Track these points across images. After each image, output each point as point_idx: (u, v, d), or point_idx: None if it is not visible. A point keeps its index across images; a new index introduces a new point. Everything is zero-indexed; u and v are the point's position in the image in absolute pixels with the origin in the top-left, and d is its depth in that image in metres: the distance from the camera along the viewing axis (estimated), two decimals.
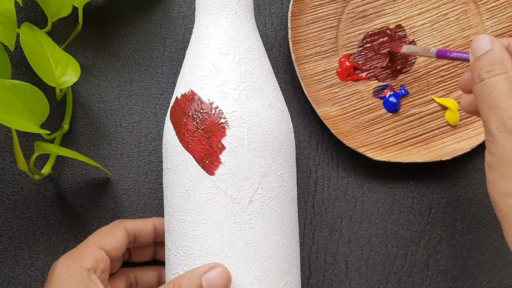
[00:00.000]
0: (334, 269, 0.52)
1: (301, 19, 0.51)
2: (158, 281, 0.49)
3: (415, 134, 0.52)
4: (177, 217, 0.42)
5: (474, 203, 0.53)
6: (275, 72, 0.52)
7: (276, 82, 0.44)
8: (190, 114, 0.41)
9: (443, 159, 0.51)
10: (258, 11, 0.52)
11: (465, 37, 0.52)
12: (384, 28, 0.52)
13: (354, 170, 0.53)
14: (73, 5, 0.48)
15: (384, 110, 0.52)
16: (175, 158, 0.42)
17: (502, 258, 0.53)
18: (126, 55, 0.52)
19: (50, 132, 0.47)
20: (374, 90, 0.52)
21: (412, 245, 0.53)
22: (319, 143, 0.52)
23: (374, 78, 0.52)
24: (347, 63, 0.52)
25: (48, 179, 0.51)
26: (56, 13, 0.48)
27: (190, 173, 0.41)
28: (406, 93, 0.52)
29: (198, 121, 0.41)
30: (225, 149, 0.40)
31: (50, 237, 0.51)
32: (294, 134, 0.51)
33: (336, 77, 0.52)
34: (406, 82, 0.52)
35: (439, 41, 0.52)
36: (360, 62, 0.52)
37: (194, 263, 0.41)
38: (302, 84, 0.50)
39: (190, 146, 0.41)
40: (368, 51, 0.52)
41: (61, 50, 0.48)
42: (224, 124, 0.41)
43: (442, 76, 0.52)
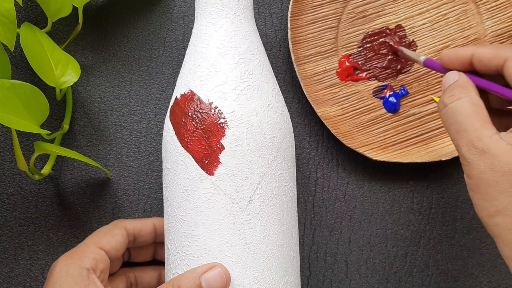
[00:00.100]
0: (334, 269, 0.52)
1: (301, 19, 0.51)
2: (158, 281, 0.49)
3: (415, 134, 0.52)
4: (176, 217, 0.42)
5: None
6: (275, 72, 0.52)
7: (275, 82, 0.44)
8: (190, 114, 0.41)
9: (443, 159, 0.51)
10: (258, 11, 0.52)
11: (465, 37, 0.52)
12: (384, 28, 0.51)
13: (354, 170, 0.53)
14: (73, 5, 0.48)
15: (384, 110, 0.52)
16: (175, 158, 0.42)
17: (502, 258, 0.53)
18: (126, 55, 0.52)
19: (50, 132, 0.47)
20: (374, 90, 0.52)
21: (412, 245, 0.53)
22: (319, 143, 0.52)
23: (374, 78, 0.52)
24: (347, 63, 0.52)
25: (48, 179, 0.51)
26: (56, 13, 0.48)
27: (189, 173, 0.41)
28: (406, 93, 0.52)
29: (197, 121, 0.41)
30: (224, 149, 0.40)
31: (50, 237, 0.51)
32: (294, 134, 0.51)
33: (336, 77, 0.52)
34: (406, 82, 0.52)
35: (439, 41, 0.52)
36: (360, 62, 0.52)
37: (193, 263, 0.41)
38: (302, 84, 0.50)
39: (189, 146, 0.41)
40: (368, 51, 0.52)
41: (61, 50, 0.48)
42: (223, 124, 0.40)
43: (442, 76, 0.52)
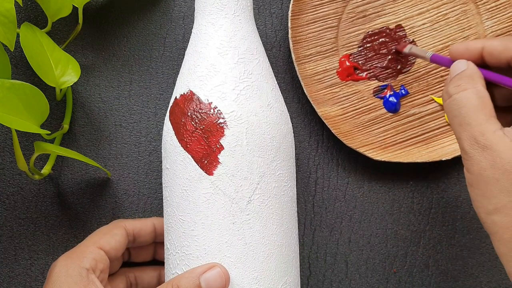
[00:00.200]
0: (334, 269, 0.52)
1: (301, 19, 0.51)
2: (158, 281, 0.49)
3: (415, 134, 0.52)
4: (176, 217, 0.42)
5: None
6: (275, 72, 0.52)
7: (275, 82, 0.44)
8: (189, 114, 0.41)
9: (443, 159, 0.51)
10: (258, 11, 0.52)
11: (465, 37, 0.52)
12: (384, 28, 0.51)
13: (354, 170, 0.53)
14: (73, 5, 0.48)
15: (384, 110, 0.52)
16: (174, 158, 0.42)
17: None
18: (126, 55, 0.52)
19: (50, 132, 0.47)
20: (374, 90, 0.52)
21: (412, 245, 0.53)
22: (319, 143, 0.52)
23: (374, 78, 0.52)
24: (347, 63, 0.52)
25: (48, 179, 0.51)
26: (56, 13, 0.48)
27: (188, 173, 0.41)
28: (406, 93, 0.52)
29: (196, 121, 0.41)
30: (223, 149, 0.40)
31: (50, 237, 0.51)
32: (294, 134, 0.51)
33: (336, 77, 0.52)
34: (406, 82, 0.52)
35: (439, 41, 0.52)
36: (360, 62, 0.52)
37: (193, 263, 0.41)
38: (302, 84, 0.50)
39: (189, 146, 0.41)
40: (368, 51, 0.52)
41: (61, 50, 0.48)
42: (222, 124, 0.40)
43: (442, 76, 0.52)
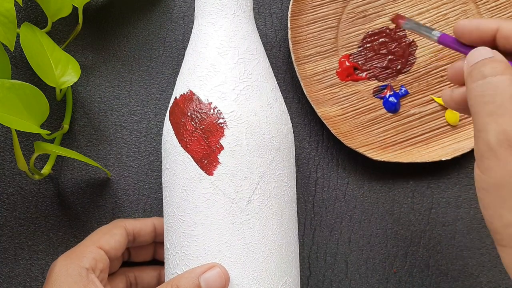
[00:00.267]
0: (334, 269, 0.52)
1: (301, 19, 0.51)
2: (158, 280, 0.49)
3: (415, 134, 0.52)
4: (175, 217, 0.42)
5: (474, 203, 0.53)
6: (275, 72, 0.52)
7: (275, 82, 0.44)
8: (189, 114, 0.41)
9: (443, 159, 0.51)
10: (258, 11, 0.52)
11: None
12: (384, 28, 0.51)
13: (354, 170, 0.53)
14: (73, 5, 0.48)
15: (384, 110, 0.52)
16: (174, 158, 0.42)
17: None
18: (126, 55, 0.52)
19: (50, 132, 0.47)
20: (374, 90, 0.52)
21: (412, 245, 0.53)
22: (319, 143, 0.52)
23: (374, 78, 0.52)
24: (347, 63, 0.52)
25: (48, 179, 0.51)
26: (56, 13, 0.48)
27: (188, 173, 0.41)
28: (406, 93, 0.52)
29: (196, 121, 0.41)
30: (223, 149, 0.40)
31: (50, 237, 0.51)
32: (294, 134, 0.51)
33: (336, 77, 0.52)
34: (406, 82, 0.52)
35: None
36: (360, 62, 0.52)
37: (192, 263, 0.41)
38: (302, 84, 0.50)
39: (188, 146, 0.41)
40: (368, 51, 0.52)
41: (61, 50, 0.48)
42: (222, 124, 0.40)
43: (442, 76, 0.52)
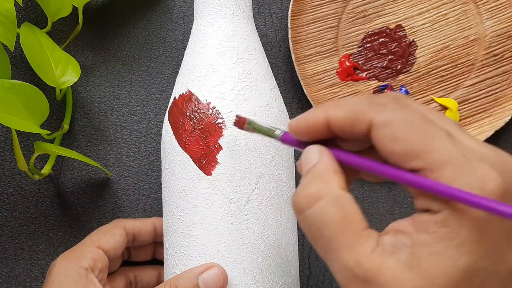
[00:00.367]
0: None
1: (301, 19, 0.51)
2: (158, 280, 0.49)
3: None
4: (174, 217, 0.42)
5: None
6: (275, 72, 0.52)
7: (274, 82, 0.44)
8: (188, 114, 0.41)
9: None
10: (258, 11, 0.52)
11: (465, 37, 0.52)
12: (384, 28, 0.51)
13: None
14: (73, 5, 0.48)
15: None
16: (173, 158, 0.42)
17: None
18: (126, 55, 0.52)
19: (50, 132, 0.47)
20: (374, 90, 0.52)
21: None
22: None
23: (374, 78, 0.52)
24: (347, 63, 0.52)
25: (48, 179, 0.51)
26: (56, 13, 0.48)
27: (187, 173, 0.41)
28: (406, 93, 0.52)
29: (195, 121, 0.41)
30: (222, 149, 0.40)
31: (50, 237, 0.51)
32: None
33: (336, 77, 0.52)
34: (406, 82, 0.52)
35: (439, 41, 0.52)
36: (360, 62, 0.52)
37: (191, 263, 0.41)
38: (302, 84, 0.50)
39: (187, 146, 0.41)
40: (368, 51, 0.52)
41: (61, 50, 0.48)
42: (221, 124, 0.40)
43: (442, 76, 0.52)
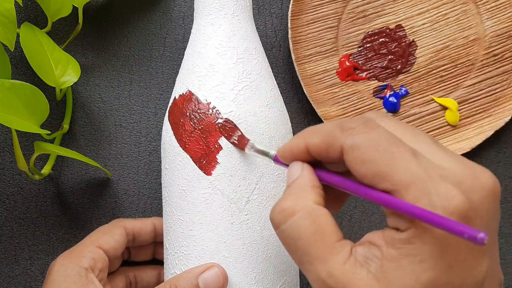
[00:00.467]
0: None
1: (301, 19, 0.51)
2: (158, 280, 0.49)
3: None
4: (174, 217, 0.42)
5: None
6: (275, 72, 0.52)
7: (274, 82, 0.44)
8: (188, 114, 0.41)
9: None
10: (258, 11, 0.52)
11: (465, 37, 0.52)
12: (384, 28, 0.51)
13: None
14: (73, 5, 0.48)
15: (384, 110, 0.52)
16: (173, 158, 0.42)
17: (502, 258, 0.53)
18: (126, 55, 0.52)
19: (50, 132, 0.47)
20: (374, 90, 0.52)
21: None
22: None
23: (374, 78, 0.52)
24: (347, 63, 0.52)
25: (48, 179, 0.51)
26: (56, 13, 0.48)
27: (187, 173, 0.41)
28: (406, 93, 0.52)
29: (195, 121, 0.41)
30: (222, 149, 0.40)
31: (50, 237, 0.51)
32: (293, 134, 0.51)
33: (336, 77, 0.52)
34: (406, 82, 0.52)
35: (439, 41, 0.52)
36: (360, 62, 0.52)
37: (191, 263, 0.41)
38: (302, 84, 0.50)
39: (187, 146, 0.41)
40: (368, 51, 0.52)
41: (61, 50, 0.48)
42: (221, 124, 0.40)
43: (442, 76, 0.52)
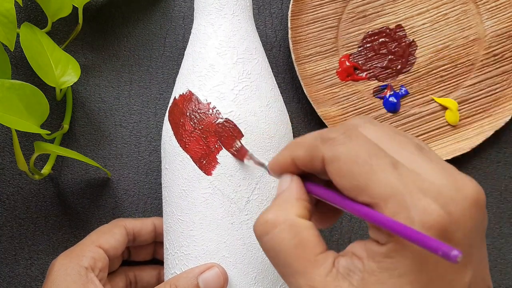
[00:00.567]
0: None
1: (301, 19, 0.51)
2: (158, 280, 0.49)
3: (415, 134, 0.52)
4: (174, 217, 0.42)
5: None
6: (275, 72, 0.52)
7: (274, 82, 0.44)
8: (188, 114, 0.41)
9: (443, 159, 0.51)
10: (258, 11, 0.52)
11: (465, 37, 0.52)
12: (384, 28, 0.51)
13: None
14: (73, 5, 0.48)
15: (384, 110, 0.52)
16: (173, 158, 0.42)
17: (502, 258, 0.53)
18: (126, 55, 0.52)
19: (50, 132, 0.47)
20: (374, 90, 0.52)
21: None
22: None
23: (374, 78, 0.52)
24: (347, 63, 0.52)
25: (48, 179, 0.51)
26: (56, 13, 0.48)
27: (187, 173, 0.41)
28: (406, 93, 0.52)
29: (195, 121, 0.41)
30: (222, 149, 0.40)
31: (50, 237, 0.51)
32: (293, 134, 0.51)
33: (336, 77, 0.52)
34: (406, 82, 0.52)
35: (439, 41, 0.52)
36: (360, 62, 0.52)
37: (191, 263, 0.41)
38: (302, 84, 0.50)
39: (187, 146, 0.41)
40: (368, 51, 0.52)
41: (61, 50, 0.48)
42: (221, 124, 0.40)
43: (442, 76, 0.52)
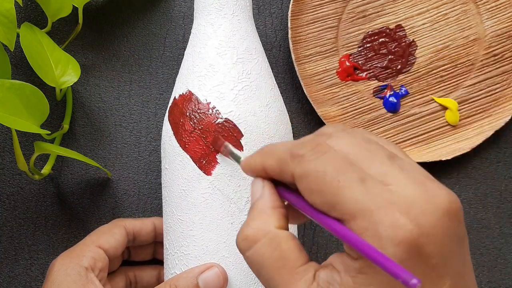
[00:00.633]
0: None
1: (301, 19, 0.51)
2: (158, 280, 0.49)
3: (415, 134, 0.52)
4: (174, 217, 0.42)
5: (474, 203, 0.53)
6: (275, 72, 0.52)
7: (274, 82, 0.44)
8: (188, 114, 0.41)
9: (443, 159, 0.51)
10: (258, 11, 0.52)
11: (465, 37, 0.52)
12: (384, 28, 0.51)
13: None
14: (73, 5, 0.48)
15: (384, 110, 0.52)
16: (173, 158, 0.42)
17: (502, 258, 0.53)
18: (126, 55, 0.52)
19: (50, 132, 0.47)
20: (374, 90, 0.52)
21: None
22: None
23: (374, 78, 0.52)
24: (347, 63, 0.52)
25: (48, 179, 0.51)
26: (56, 13, 0.48)
27: (187, 173, 0.41)
28: (406, 93, 0.52)
29: (195, 121, 0.41)
30: None
31: (50, 237, 0.51)
32: (294, 134, 0.51)
33: (336, 77, 0.52)
34: (406, 82, 0.52)
35: (439, 41, 0.52)
36: (360, 62, 0.52)
37: (191, 263, 0.41)
38: (302, 84, 0.50)
39: (187, 146, 0.41)
40: (368, 51, 0.52)
41: (61, 50, 0.48)
42: (221, 124, 0.40)
43: (442, 76, 0.52)
